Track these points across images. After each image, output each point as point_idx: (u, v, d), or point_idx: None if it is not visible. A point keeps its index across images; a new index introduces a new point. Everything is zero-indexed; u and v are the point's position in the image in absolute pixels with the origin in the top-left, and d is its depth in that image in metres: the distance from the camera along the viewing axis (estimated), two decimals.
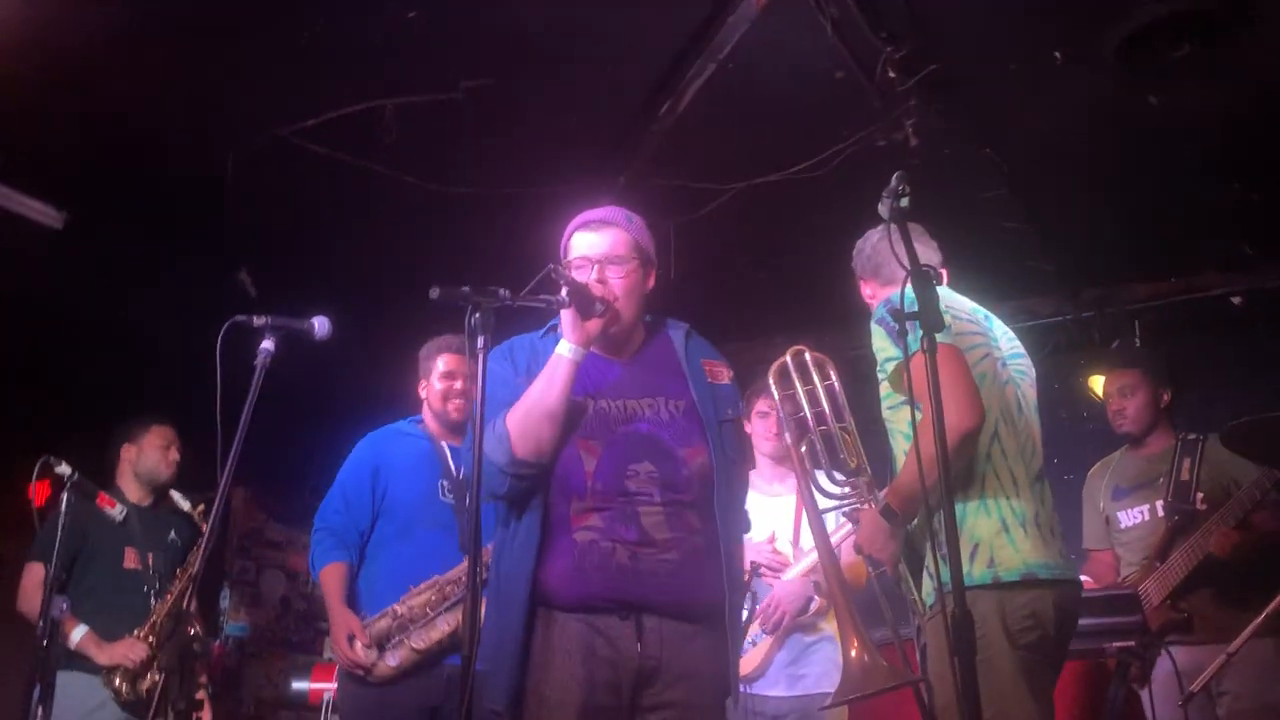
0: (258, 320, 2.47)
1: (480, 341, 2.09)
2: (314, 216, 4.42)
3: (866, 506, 2.67)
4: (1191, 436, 3.86)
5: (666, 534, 2.31)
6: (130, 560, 3.94)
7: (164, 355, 4.67)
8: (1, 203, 4.11)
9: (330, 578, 3.29)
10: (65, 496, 3.42)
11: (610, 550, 2.27)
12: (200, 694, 3.89)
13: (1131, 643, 2.97)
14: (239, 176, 3.99)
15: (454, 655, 3.14)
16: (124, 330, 4.81)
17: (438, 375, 3.52)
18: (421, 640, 3.13)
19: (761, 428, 3.76)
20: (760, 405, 3.79)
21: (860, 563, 3.05)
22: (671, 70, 3.67)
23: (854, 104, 3.75)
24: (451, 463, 3.45)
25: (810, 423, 2.81)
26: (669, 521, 2.32)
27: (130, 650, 3.74)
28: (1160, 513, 3.78)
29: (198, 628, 3.85)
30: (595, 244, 2.46)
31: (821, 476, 2.79)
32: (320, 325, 2.64)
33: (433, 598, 3.18)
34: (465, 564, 3.03)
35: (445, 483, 3.40)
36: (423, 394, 3.58)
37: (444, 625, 3.14)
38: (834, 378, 2.87)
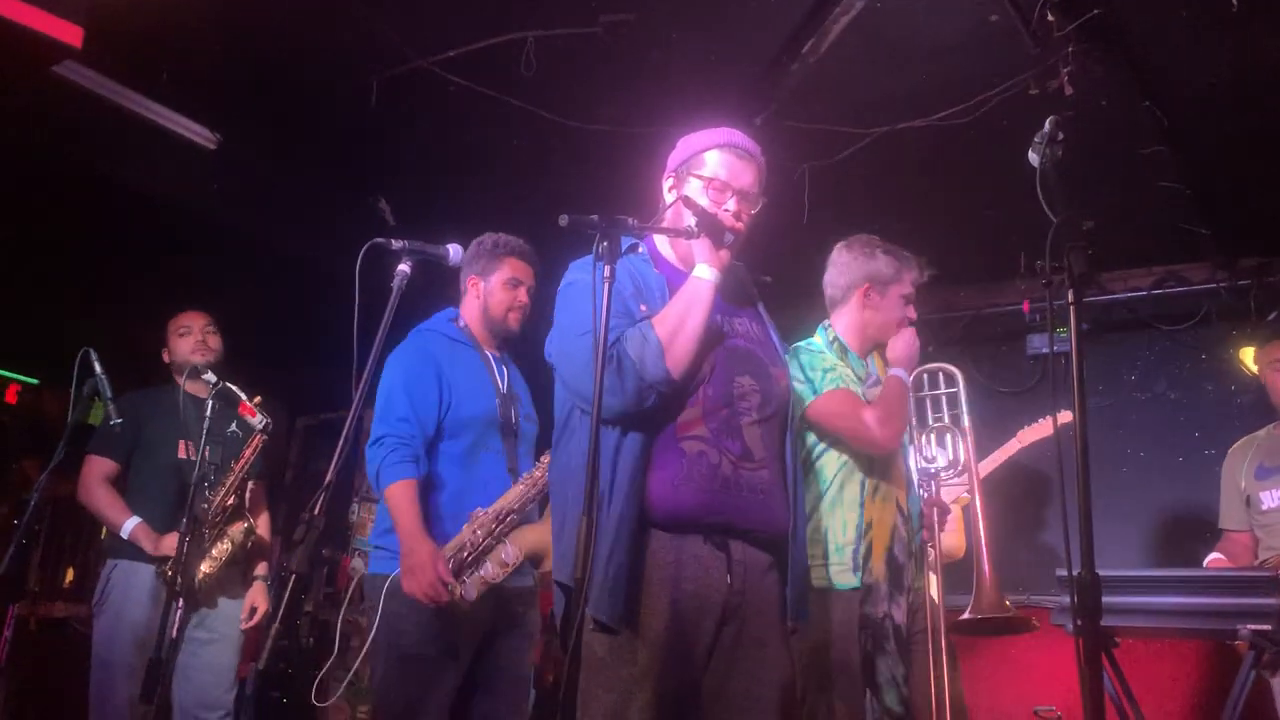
0: (396, 244, 2.52)
1: (606, 270, 2.08)
2: (452, 147, 4.49)
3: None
4: None
5: (762, 450, 2.31)
6: (184, 451, 3.83)
7: (305, 274, 4.86)
8: (162, 123, 4.30)
9: (405, 496, 2.93)
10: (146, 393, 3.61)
11: (717, 463, 2.24)
12: (258, 585, 3.87)
13: (1267, 627, 2.82)
14: (382, 105, 4.07)
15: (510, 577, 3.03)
16: (269, 249, 5.01)
17: (502, 280, 3.26)
18: (495, 571, 2.98)
19: None
20: None
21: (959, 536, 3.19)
22: (817, 7, 3.57)
23: (1008, 49, 3.59)
24: (498, 377, 3.24)
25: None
26: (764, 438, 2.33)
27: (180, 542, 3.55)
28: None
29: (250, 522, 3.80)
30: (740, 173, 2.42)
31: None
32: (455, 252, 2.69)
33: (493, 526, 3.00)
34: (517, 489, 3.03)
35: (496, 400, 3.18)
36: (471, 290, 3.30)
37: (509, 554, 2.99)
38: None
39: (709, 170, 2.41)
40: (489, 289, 3.28)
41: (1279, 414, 3.90)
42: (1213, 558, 3.85)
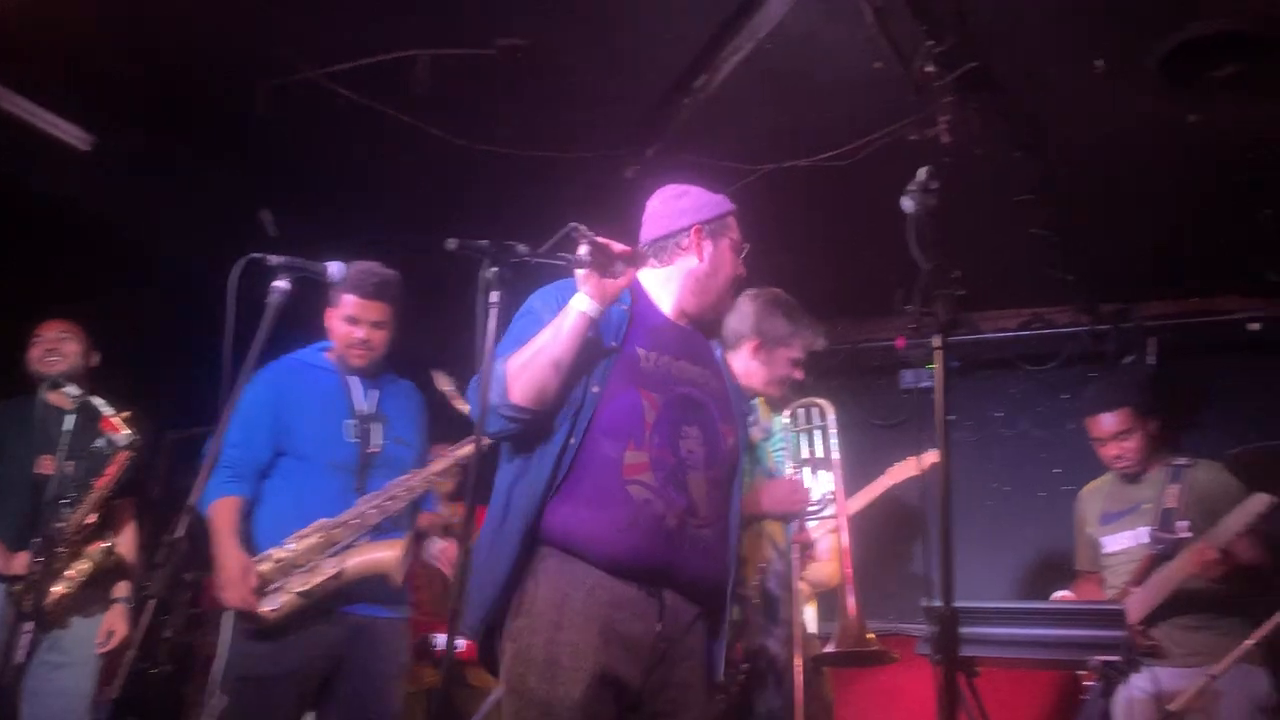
0: (274, 259, 2.47)
1: (494, 297, 2.07)
2: (339, 161, 4.41)
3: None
4: (1181, 462, 3.86)
5: (706, 506, 2.33)
6: (45, 466, 3.64)
7: (182, 284, 4.70)
8: (30, 120, 4.12)
9: (222, 511, 3.04)
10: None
11: (663, 514, 2.25)
12: (118, 607, 3.74)
13: (1116, 657, 2.98)
14: (268, 114, 3.98)
15: (356, 604, 3.05)
16: (145, 256, 4.83)
17: (341, 315, 3.25)
18: (303, 583, 2.98)
19: None
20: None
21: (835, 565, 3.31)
22: (710, 45, 3.64)
23: (891, 96, 3.72)
24: (357, 400, 3.25)
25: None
26: (709, 494, 2.35)
27: (34, 561, 3.39)
28: (1145, 539, 3.78)
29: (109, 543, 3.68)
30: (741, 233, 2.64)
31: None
32: (336, 270, 2.65)
33: (318, 542, 3.03)
34: (356, 507, 3.06)
35: (351, 422, 3.21)
36: (328, 320, 3.31)
37: (328, 569, 3.00)
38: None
39: (735, 234, 2.64)
40: (334, 321, 3.28)
41: (1129, 475, 4.05)
42: (1059, 595, 4.02)
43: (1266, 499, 3.45)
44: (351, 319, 3.23)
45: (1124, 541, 3.89)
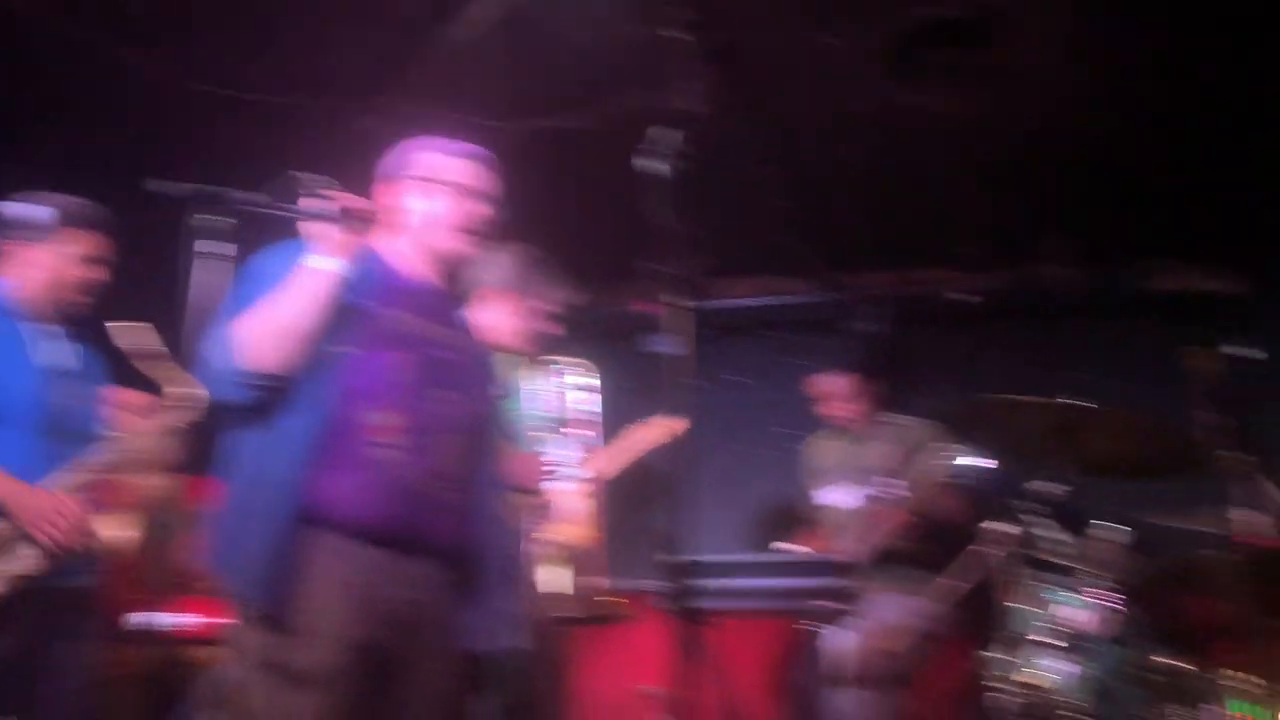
0: None
1: (208, 247, 1.90)
2: (37, 94, 3.96)
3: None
4: (899, 423, 4.14)
5: (459, 469, 2.28)
6: None
7: None
8: None
9: None
10: None
11: (408, 476, 2.18)
12: None
13: (836, 604, 3.19)
14: None
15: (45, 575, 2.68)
16: None
17: (75, 255, 2.87)
18: (17, 568, 2.61)
19: None
20: None
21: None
22: None
23: (641, 60, 3.74)
24: (51, 352, 2.88)
25: None
26: (462, 456, 2.30)
27: None
28: (860, 497, 4.03)
29: None
30: (480, 178, 2.46)
31: None
32: (34, 213, 2.35)
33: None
34: (58, 478, 2.69)
35: (44, 377, 2.83)
36: (19, 255, 2.87)
37: (29, 557, 2.63)
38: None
39: (464, 180, 2.44)
40: (54, 260, 2.87)
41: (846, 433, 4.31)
42: (778, 545, 4.24)
43: (945, 452, 3.66)
44: (94, 259, 2.90)
45: (840, 498, 4.14)
